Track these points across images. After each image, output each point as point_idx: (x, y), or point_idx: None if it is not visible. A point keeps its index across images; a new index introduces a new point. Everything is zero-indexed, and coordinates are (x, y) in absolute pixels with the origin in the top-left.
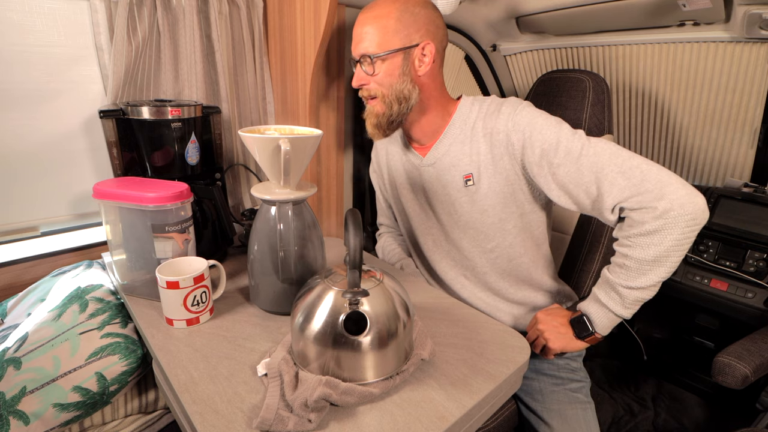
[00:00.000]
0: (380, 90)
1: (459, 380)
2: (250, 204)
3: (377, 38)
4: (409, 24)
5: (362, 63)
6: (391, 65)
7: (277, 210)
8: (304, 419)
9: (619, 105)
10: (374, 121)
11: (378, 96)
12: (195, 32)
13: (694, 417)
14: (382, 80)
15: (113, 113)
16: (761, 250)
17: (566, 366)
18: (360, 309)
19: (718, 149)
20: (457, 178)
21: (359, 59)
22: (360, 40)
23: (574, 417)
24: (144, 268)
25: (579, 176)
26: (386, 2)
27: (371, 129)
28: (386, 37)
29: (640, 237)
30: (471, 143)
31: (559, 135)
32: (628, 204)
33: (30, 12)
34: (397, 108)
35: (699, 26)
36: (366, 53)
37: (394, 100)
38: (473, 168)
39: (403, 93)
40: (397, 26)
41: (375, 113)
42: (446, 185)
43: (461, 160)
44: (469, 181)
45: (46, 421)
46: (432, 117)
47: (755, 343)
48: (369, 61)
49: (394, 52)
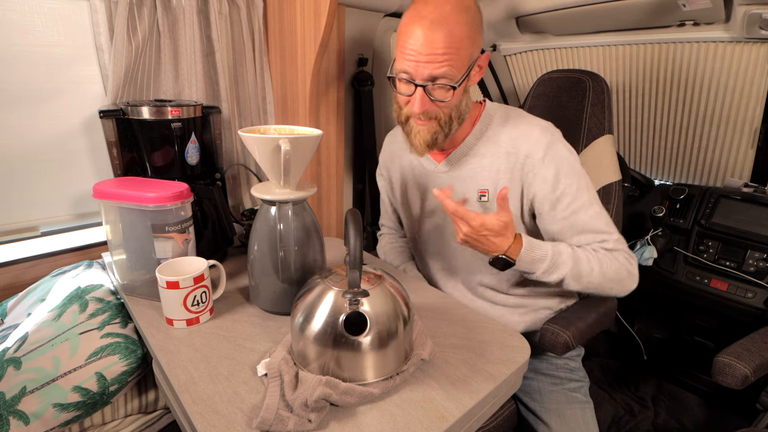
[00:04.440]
0: (444, 113)
1: (459, 380)
2: (250, 204)
3: (455, 58)
4: (474, 38)
5: (432, 86)
6: (463, 85)
7: (277, 210)
8: (304, 419)
9: (619, 105)
10: (427, 138)
11: (440, 118)
12: (195, 32)
13: (694, 417)
14: (449, 104)
15: (113, 113)
16: (761, 250)
17: (565, 366)
18: (360, 309)
19: (718, 149)
20: (471, 190)
21: (427, 82)
22: (430, 59)
23: (573, 417)
24: (144, 268)
25: (566, 226)
26: (458, 8)
27: (421, 147)
28: (462, 54)
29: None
30: (492, 158)
31: (577, 187)
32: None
33: (30, 12)
34: (456, 125)
35: (699, 26)
36: (444, 77)
37: (455, 119)
38: (490, 184)
39: (463, 110)
40: (468, 42)
41: (429, 130)
42: (459, 196)
43: (479, 173)
44: (483, 197)
45: (46, 421)
46: (460, 126)
47: (755, 343)
48: (446, 87)
49: (467, 74)
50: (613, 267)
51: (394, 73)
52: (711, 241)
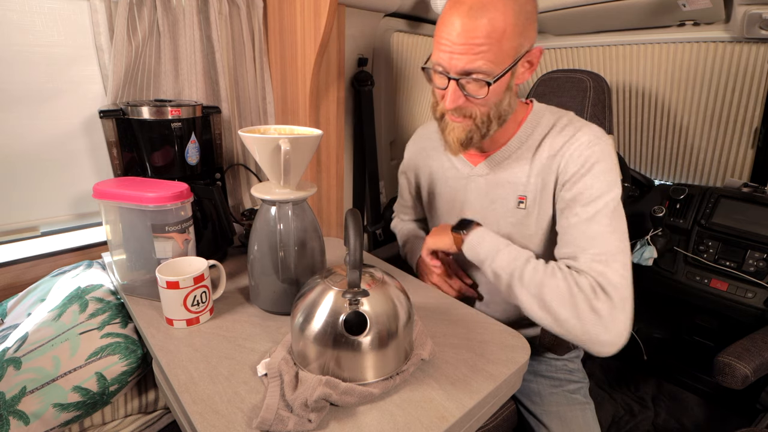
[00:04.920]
0: (480, 111)
1: (459, 380)
2: (250, 204)
3: (494, 51)
4: (522, 29)
5: (466, 81)
6: (502, 83)
7: (277, 210)
8: (304, 419)
9: (619, 105)
10: (462, 137)
11: (475, 117)
12: (195, 32)
13: (694, 417)
14: (486, 101)
15: (113, 113)
16: (761, 250)
17: (564, 367)
18: (360, 309)
19: (718, 149)
20: (510, 196)
21: (461, 75)
22: (465, 51)
23: (574, 419)
24: (144, 268)
25: (577, 232)
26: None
27: (455, 145)
28: (503, 48)
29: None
30: (533, 162)
31: (603, 196)
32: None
33: (30, 12)
34: (495, 126)
35: (699, 26)
36: (479, 71)
37: (494, 118)
38: (529, 191)
39: (504, 109)
40: (513, 33)
41: (464, 128)
42: (495, 201)
43: (520, 178)
44: (521, 204)
45: (46, 421)
46: (504, 128)
47: (755, 343)
48: (480, 83)
49: (509, 69)
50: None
51: (430, 65)
52: (711, 241)
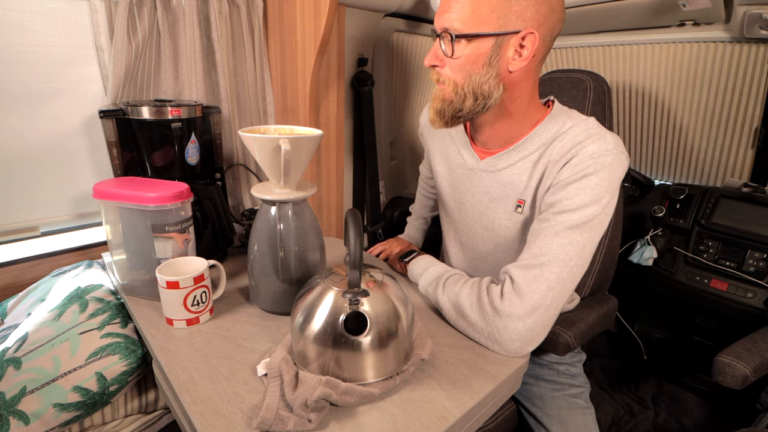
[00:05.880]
0: (452, 78)
1: (459, 380)
2: (250, 204)
3: (467, 11)
4: (513, 3)
5: (442, 39)
6: (476, 51)
7: (277, 210)
8: (304, 419)
9: (619, 105)
10: (438, 106)
11: (448, 85)
12: (195, 32)
13: (694, 417)
14: (459, 66)
15: (113, 113)
16: (761, 250)
17: (566, 372)
18: (360, 309)
19: (718, 149)
20: (509, 197)
21: (440, 32)
22: (446, 9)
23: (574, 423)
24: (144, 268)
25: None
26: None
27: (432, 114)
28: (479, 12)
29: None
30: (537, 165)
31: (580, 209)
32: (516, 275)
33: (30, 12)
34: (471, 104)
35: (699, 26)
36: (448, 28)
37: (468, 93)
38: (528, 195)
39: (482, 88)
40: (497, 3)
41: (441, 98)
42: (494, 200)
43: (522, 180)
44: (519, 207)
45: (46, 421)
46: (511, 124)
47: (755, 343)
48: (449, 39)
49: (483, 36)
50: (469, 292)
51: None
52: (711, 241)
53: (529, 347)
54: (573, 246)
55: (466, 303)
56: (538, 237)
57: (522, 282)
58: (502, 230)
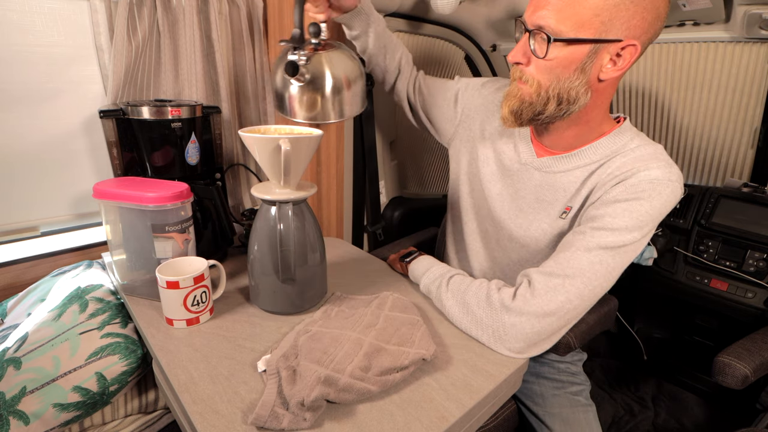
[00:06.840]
0: (537, 79)
1: (459, 380)
2: (250, 204)
3: (568, 11)
4: (619, 8)
5: (533, 36)
6: (571, 55)
7: (277, 210)
8: (299, 417)
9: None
10: (515, 106)
11: (531, 85)
12: (195, 32)
13: (694, 417)
14: (548, 68)
15: (113, 113)
16: (761, 250)
17: (566, 370)
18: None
19: (718, 149)
20: (557, 202)
21: (533, 29)
22: (543, 4)
23: (576, 420)
24: (144, 268)
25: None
26: None
27: (506, 113)
28: (581, 13)
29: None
30: (593, 175)
31: (619, 232)
32: (536, 279)
33: (30, 12)
34: (553, 108)
35: (699, 26)
36: (544, 27)
37: (552, 97)
38: (576, 203)
39: (569, 94)
40: (602, 6)
41: (520, 98)
42: (541, 201)
43: (575, 186)
44: (564, 214)
45: (46, 421)
46: (582, 131)
47: (755, 343)
48: (543, 40)
49: (583, 42)
50: (477, 290)
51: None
52: (711, 241)
53: (532, 351)
54: (603, 266)
55: (473, 300)
56: (569, 248)
57: (541, 287)
58: (537, 233)
